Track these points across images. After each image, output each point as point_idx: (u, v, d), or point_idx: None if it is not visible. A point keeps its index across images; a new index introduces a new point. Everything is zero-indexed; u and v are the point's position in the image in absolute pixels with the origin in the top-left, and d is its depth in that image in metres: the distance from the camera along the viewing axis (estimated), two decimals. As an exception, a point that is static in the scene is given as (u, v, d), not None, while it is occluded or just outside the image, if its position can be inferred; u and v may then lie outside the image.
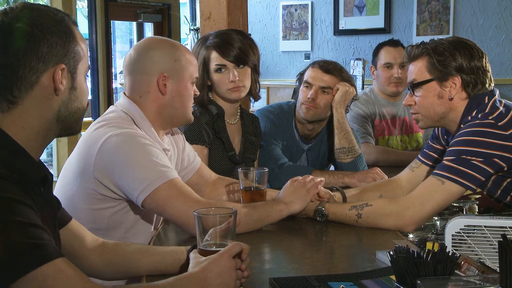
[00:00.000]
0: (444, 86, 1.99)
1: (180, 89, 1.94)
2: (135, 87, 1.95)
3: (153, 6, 7.36)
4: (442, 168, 1.90)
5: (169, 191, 1.73)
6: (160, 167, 1.75)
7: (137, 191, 1.73)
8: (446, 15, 7.03)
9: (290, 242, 1.88)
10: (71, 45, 1.28)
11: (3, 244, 1.06)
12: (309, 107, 2.71)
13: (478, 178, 1.86)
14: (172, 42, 2.01)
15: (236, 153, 2.52)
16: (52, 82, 1.25)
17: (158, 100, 1.93)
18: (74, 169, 1.84)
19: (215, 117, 2.44)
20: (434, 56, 1.99)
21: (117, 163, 1.75)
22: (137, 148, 1.77)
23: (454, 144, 1.91)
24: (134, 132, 1.82)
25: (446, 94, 1.99)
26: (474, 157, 1.85)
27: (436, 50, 1.99)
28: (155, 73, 1.91)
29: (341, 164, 2.74)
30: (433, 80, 2.00)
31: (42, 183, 1.26)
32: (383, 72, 3.35)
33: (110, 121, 1.86)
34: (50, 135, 1.30)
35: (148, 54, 1.93)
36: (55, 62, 1.25)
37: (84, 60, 1.32)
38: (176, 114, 1.97)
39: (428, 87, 2.01)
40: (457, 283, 1.15)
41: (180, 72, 1.94)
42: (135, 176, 1.73)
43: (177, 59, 1.93)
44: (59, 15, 1.28)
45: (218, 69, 2.43)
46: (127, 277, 1.58)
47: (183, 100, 1.96)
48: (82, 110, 1.34)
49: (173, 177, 1.76)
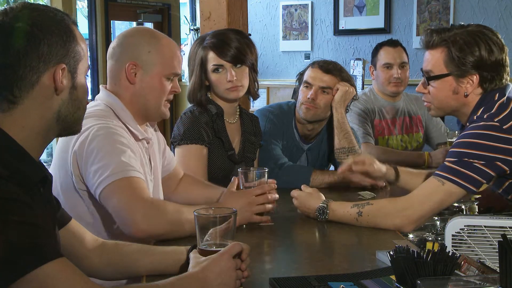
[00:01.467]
0: (460, 83, 1.94)
1: (151, 81, 1.92)
2: (110, 74, 1.95)
3: (153, 6, 7.36)
4: (443, 169, 1.89)
5: (121, 185, 1.70)
6: (124, 165, 1.72)
7: (95, 184, 1.72)
8: (446, 15, 7.03)
9: (290, 242, 1.88)
10: (71, 45, 1.28)
11: (3, 244, 1.06)
12: (309, 107, 2.71)
13: (479, 180, 1.85)
14: (154, 33, 1.99)
15: (236, 153, 2.52)
16: (53, 82, 1.25)
17: (129, 89, 1.92)
18: (56, 164, 1.84)
19: (214, 117, 2.44)
20: (453, 50, 1.92)
21: (87, 155, 1.74)
22: (108, 143, 1.76)
23: (457, 145, 1.89)
24: (110, 126, 1.80)
25: (462, 90, 1.94)
26: (476, 159, 1.83)
27: (456, 43, 1.91)
28: (125, 60, 1.90)
29: (341, 164, 2.74)
30: (450, 75, 1.95)
31: (42, 183, 1.26)
32: (383, 73, 3.34)
33: (90, 113, 1.83)
34: (50, 135, 1.30)
35: (124, 40, 1.93)
36: (56, 62, 1.25)
37: (84, 60, 1.32)
38: (148, 106, 1.94)
39: (444, 81, 1.96)
40: (457, 283, 1.15)
41: (151, 65, 1.91)
42: (98, 170, 1.72)
43: (151, 50, 1.91)
44: (59, 15, 1.28)
45: (216, 69, 2.43)
46: (127, 277, 1.58)
47: (154, 94, 1.93)
48: (82, 109, 1.34)
49: (132, 175, 1.72)
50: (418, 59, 6.75)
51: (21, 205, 1.12)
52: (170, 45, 1.96)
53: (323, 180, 2.59)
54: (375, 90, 3.43)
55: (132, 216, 1.66)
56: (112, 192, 1.70)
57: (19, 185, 1.14)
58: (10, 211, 1.10)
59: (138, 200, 1.68)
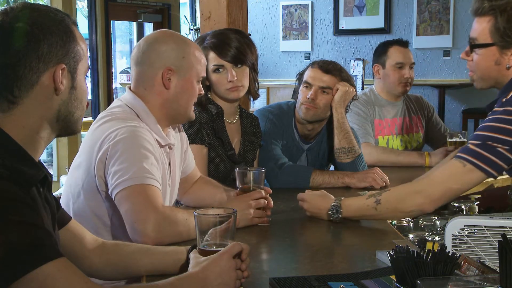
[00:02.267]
0: (504, 54, 1.93)
1: (185, 85, 1.95)
2: (140, 79, 1.95)
3: (153, 6, 7.36)
4: (465, 152, 1.86)
5: (137, 190, 1.71)
6: (145, 171, 1.74)
7: (113, 184, 1.73)
8: (446, 15, 7.04)
9: (290, 242, 1.88)
10: (71, 45, 1.28)
11: (3, 244, 1.06)
12: (309, 108, 2.71)
13: (500, 165, 1.82)
14: (183, 38, 2.02)
15: (236, 153, 2.52)
16: (52, 82, 1.25)
17: (162, 94, 1.93)
18: (81, 165, 1.85)
19: (214, 117, 2.45)
20: (500, 20, 1.91)
21: (111, 155, 1.76)
22: (134, 147, 1.77)
23: (482, 129, 1.87)
24: (138, 130, 1.82)
25: (505, 61, 1.94)
26: (500, 144, 1.81)
27: (504, 13, 1.90)
28: (161, 66, 1.91)
29: (341, 164, 2.74)
30: (494, 45, 1.94)
31: (42, 183, 1.26)
32: (394, 72, 3.30)
33: (115, 115, 1.86)
34: (50, 135, 1.30)
35: (157, 46, 1.93)
36: (56, 62, 1.25)
37: (84, 60, 1.32)
38: (180, 110, 1.97)
39: (488, 51, 1.95)
40: (457, 283, 1.15)
41: (186, 69, 1.94)
42: (118, 171, 1.73)
43: (185, 55, 1.94)
44: (59, 15, 1.28)
45: (216, 69, 2.43)
46: (127, 277, 1.58)
47: (187, 97, 1.96)
48: (82, 109, 1.34)
49: (149, 183, 1.73)
50: (418, 60, 6.76)
51: (21, 205, 1.12)
52: (199, 50, 2.00)
53: (323, 180, 2.59)
54: (376, 90, 3.40)
55: (142, 225, 1.66)
56: (126, 196, 1.71)
57: (19, 185, 1.14)
58: (10, 211, 1.10)
59: (150, 209, 1.68)
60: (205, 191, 2.22)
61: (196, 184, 2.26)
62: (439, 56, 7.18)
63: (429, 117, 3.49)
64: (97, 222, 1.83)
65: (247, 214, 1.92)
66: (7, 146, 1.20)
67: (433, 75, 7.21)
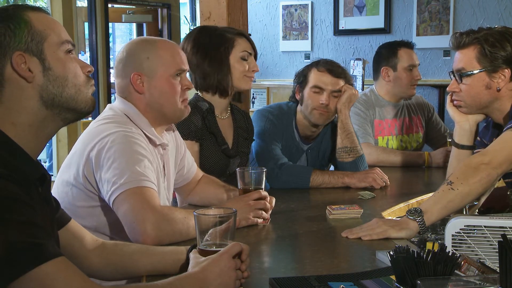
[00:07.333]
0: (493, 78, 2.04)
1: (158, 84, 1.92)
2: (119, 90, 1.97)
3: (153, 6, 7.36)
4: None
5: (134, 193, 1.71)
6: (139, 174, 1.74)
7: (110, 191, 1.73)
8: (446, 15, 7.03)
9: (290, 242, 1.88)
10: (24, 30, 1.24)
11: (2, 243, 1.06)
12: (323, 113, 2.71)
13: None
14: (148, 39, 2.00)
15: (230, 147, 2.53)
16: (16, 72, 1.23)
17: (141, 100, 1.93)
18: (72, 166, 1.85)
19: (205, 113, 2.45)
20: (485, 46, 2.03)
21: (103, 162, 1.76)
22: (126, 152, 1.77)
23: None
24: (129, 135, 1.82)
25: (494, 85, 2.05)
26: None
27: (487, 41, 2.03)
28: (128, 74, 1.92)
29: (342, 164, 2.74)
30: (482, 71, 2.04)
31: (40, 182, 1.26)
32: (406, 75, 3.29)
33: (111, 118, 1.87)
34: (46, 125, 1.28)
35: (123, 56, 1.94)
36: (11, 52, 1.23)
37: (51, 37, 1.27)
38: (164, 109, 1.95)
39: (477, 77, 2.06)
40: (457, 283, 1.15)
41: (154, 68, 1.92)
42: (112, 177, 1.73)
43: (149, 55, 1.92)
44: (10, 9, 1.26)
45: (243, 58, 2.49)
46: (127, 277, 1.58)
47: (166, 95, 1.94)
48: (71, 86, 1.29)
49: (145, 185, 1.73)
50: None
51: (21, 204, 1.12)
52: (167, 45, 1.97)
53: (323, 180, 2.59)
54: (379, 92, 3.38)
55: (141, 225, 1.66)
56: (124, 199, 1.71)
57: (18, 184, 1.14)
58: (9, 210, 1.09)
59: (148, 210, 1.68)
60: (210, 191, 2.23)
61: (199, 184, 2.27)
62: (439, 56, 7.18)
63: (429, 117, 3.48)
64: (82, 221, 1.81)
65: (247, 214, 1.93)
66: (4, 145, 1.20)
67: (433, 75, 7.20)
